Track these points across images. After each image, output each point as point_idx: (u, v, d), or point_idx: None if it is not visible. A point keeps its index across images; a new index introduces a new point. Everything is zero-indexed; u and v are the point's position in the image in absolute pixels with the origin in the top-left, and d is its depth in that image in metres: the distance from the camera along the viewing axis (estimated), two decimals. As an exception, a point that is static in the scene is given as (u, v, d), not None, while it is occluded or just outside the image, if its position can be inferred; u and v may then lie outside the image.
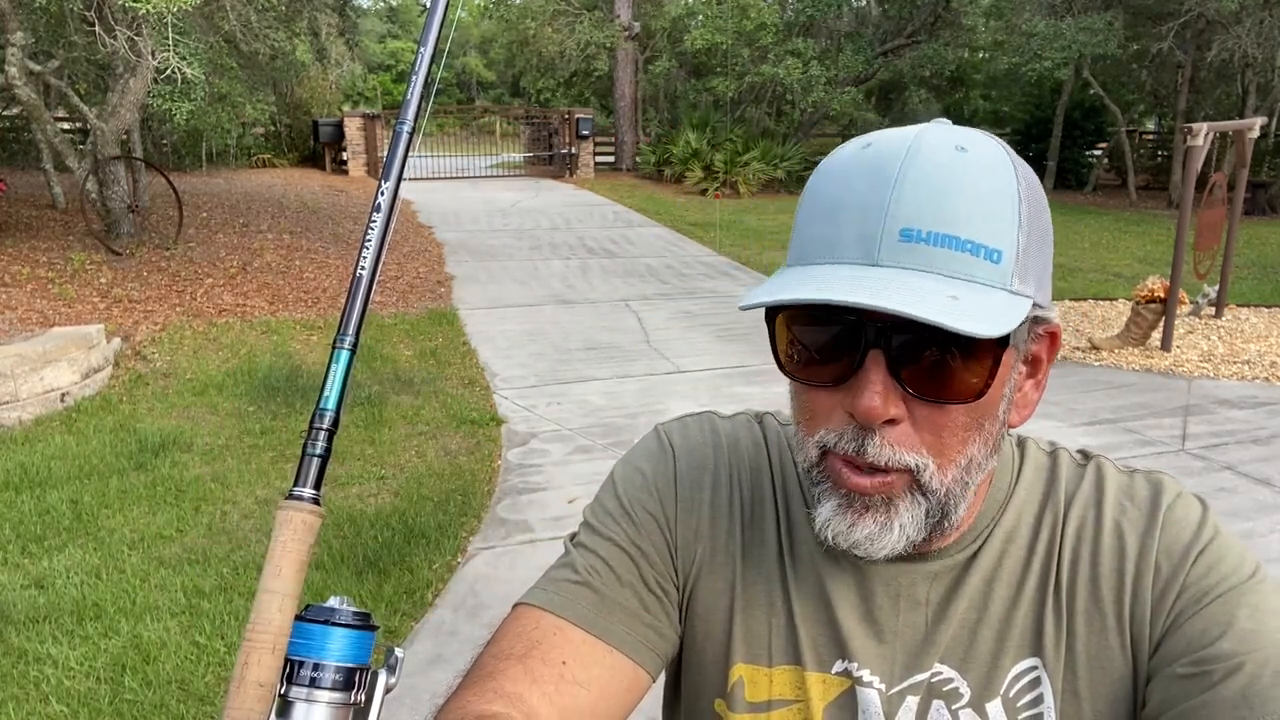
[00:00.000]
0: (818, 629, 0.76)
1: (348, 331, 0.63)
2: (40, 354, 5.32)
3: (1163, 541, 0.70)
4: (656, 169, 18.96)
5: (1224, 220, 8.00)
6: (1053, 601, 0.72)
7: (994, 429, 0.67)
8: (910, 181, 0.60)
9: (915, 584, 0.74)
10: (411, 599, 3.46)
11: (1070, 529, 0.73)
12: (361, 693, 0.58)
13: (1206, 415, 5.65)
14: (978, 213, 0.59)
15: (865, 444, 0.63)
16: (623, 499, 0.81)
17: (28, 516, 4.04)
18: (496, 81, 45.12)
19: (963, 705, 0.73)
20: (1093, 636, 0.71)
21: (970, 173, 0.60)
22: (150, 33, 7.64)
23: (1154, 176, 20.60)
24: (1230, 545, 0.70)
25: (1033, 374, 0.70)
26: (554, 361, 6.72)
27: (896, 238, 0.59)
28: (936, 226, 0.59)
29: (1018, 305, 0.60)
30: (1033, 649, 0.72)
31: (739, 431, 0.84)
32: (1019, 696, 0.72)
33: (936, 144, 0.62)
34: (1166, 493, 0.73)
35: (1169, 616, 0.68)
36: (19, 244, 8.76)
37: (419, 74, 0.66)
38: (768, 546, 0.79)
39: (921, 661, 0.73)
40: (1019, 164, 0.63)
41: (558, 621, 0.75)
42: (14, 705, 2.80)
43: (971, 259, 0.59)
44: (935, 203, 0.59)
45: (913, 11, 20.78)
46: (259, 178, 16.78)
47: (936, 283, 0.58)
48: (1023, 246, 0.61)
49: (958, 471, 0.65)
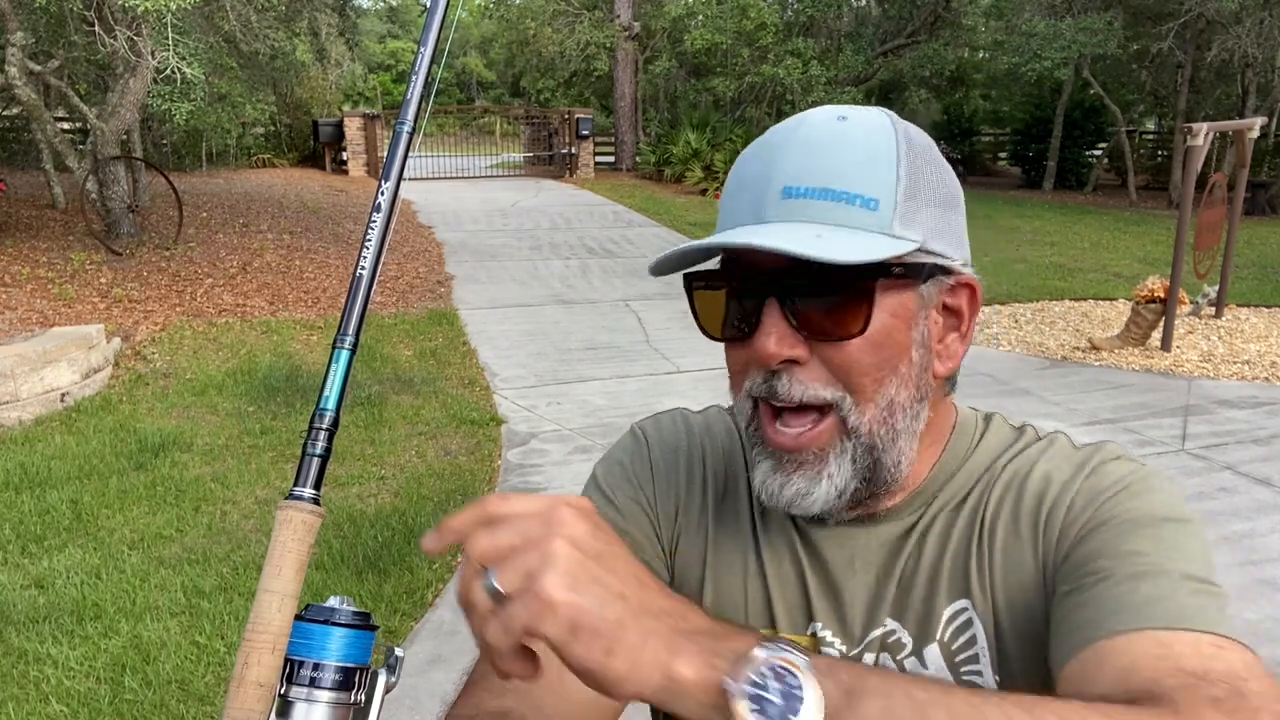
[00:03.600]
0: (790, 592, 0.79)
1: (348, 331, 0.63)
2: (40, 354, 5.32)
3: (1085, 484, 0.72)
4: (656, 169, 18.95)
5: (1224, 220, 8.00)
6: (977, 544, 0.75)
7: (911, 373, 0.70)
8: (793, 148, 0.67)
9: (869, 547, 0.77)
10: (411, 599, 3.46)
11: (1002, 480, 0.76)
12: (361, 693, 0.58)
13: (1206, 415, 5.65)
14: (854, 168, 0.66)
15: (775, 385, 0.68)
16: (605, 490, 0.85)
17: (28, 516, 4.04)
18: (496, 81, 45.11)
19: (906, 655, 0.75)
20: (1011, 574, 0.73)
21: (849, 136, 0.67)
22: (150, 32, 7.64)
23: (1154, 176, 20.60)
24: (1156, 491, 0.70)
25: (955, 326, 0.74)
26: (554, 361, 6.72)
27: (779, 196, 0.66)
28: (814, 182, 0.66)
29: (889, 244, 0.65)
30: (961, 591, 0.74)
31: (710, 420, 0.89)
32: (954, 639, 0.74)
33: (820, 117, 0.69)
34: (1106, 453, 0.75)
35: (1070, 544, 0.70)
36: (19, 244, 8.76)
37: (419, 74, 0.67)
38: (741, 518, 0.83)
39: (873, 620, 0.77)
40: (905, 128, 0.69)
41: None
42: (14, 705, 2.80)
43: (848, 207, 0.65)
44: (814, 162, 0.66)
45: (913, 11, 20.78)
46: (259, 178, 16.77)
47: (808, 228, 0.65)
48: (903, 196, 0.66)
49: (878, 411, 0.69)
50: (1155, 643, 0.59)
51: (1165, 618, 0.60)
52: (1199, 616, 0.60)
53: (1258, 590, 3.54)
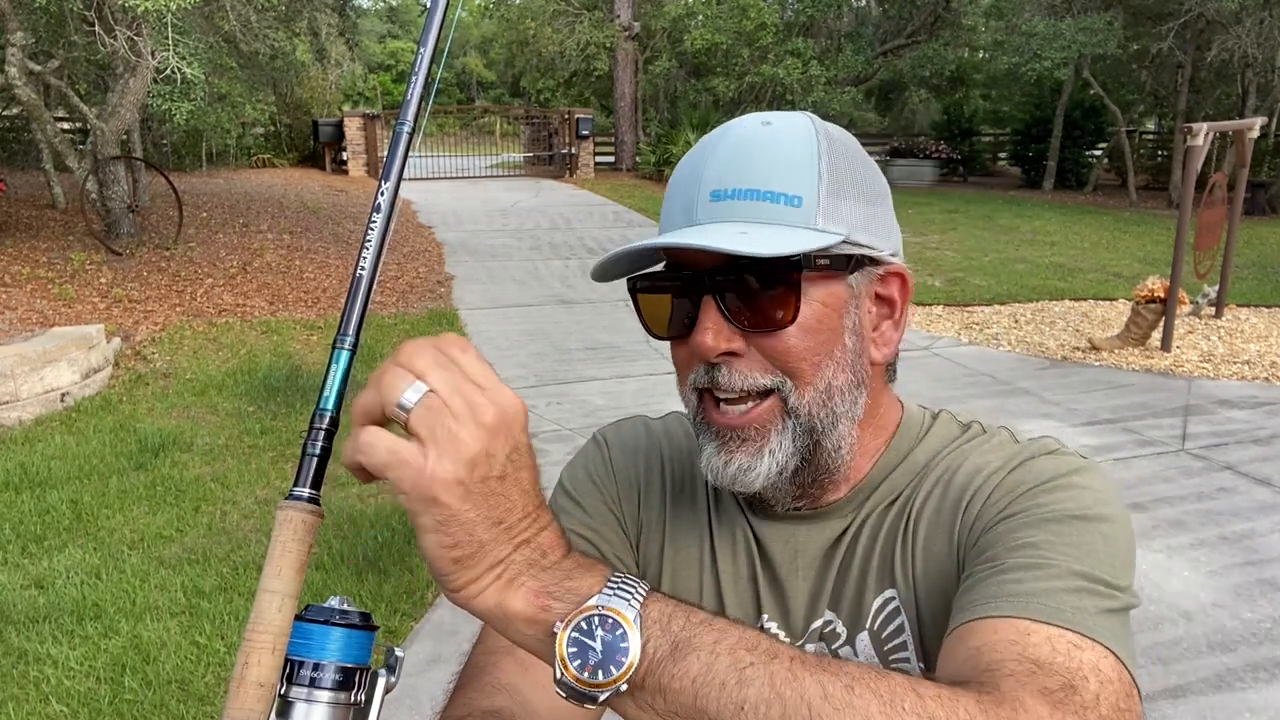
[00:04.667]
0: (742, 587, 0.83)
1: (348, 331, 0.63)
2: (40, 354, 5.32)
3: (1008, 479, 0.73)
4: (656, 169, 18.94)
5: (1224, 220, 8.00)
6: (902, 535, 0.77)
7: (846, 359, 0.73)
8: (720, 153, 0.71)
9: (811, 542, 0.80)
10: (411, 599, 3.46)
11: (933, 474, 0.78)
12: (361, 693, 0.58)
13: (1206, 415, 5.65)
14: (776, 168, 0.69)
15: (716, 376, 0.72)
16: (571, 493, 0.89)
17: (28, 516, 4.04)
18: (496, 81, 45.12)
19: (841, 644, 0.79)
20: (930, 562, 0.75)
21: (772, 139, 0.71)
22: (150, 32, 7.64)
23: (1154, 176, 20.59)
24: (1083, 489, 0.70)
25: (889, 314, 0.77)
26: (554, 362, 6.72)
27: (708, 199, 0.70)
28: (739, 184, 0.69)
29: (811, 238, 0.68)
30: (889, 581, 0.76)
31: (669, 425, 0.93)
32: (883, 627, 0.76)
33: (745, 123, 0.73)
34: (1041, 448, 0.75)
35: (976, 533, 0.71)
36: (19, 244, 8.76)
37: (419, 74, 0.66)
38: (698, 515, 0.86)
39: (814, 612, 0.80)
40: (826, 129, 0.73)
41: None
42: (14, 705, 2.80)
43: (771, 205, 0.69)
44: (739, 165, 0.70)
45: (913, 11, 20.78)
46: (259, 178, 16.77)
47: (734, 226, 0.68)
48: (824, 193, 0.69)
49: (817, 394, 0.72)
50: (1015, 630, 0.60)
51: (1035, 610, 0.61)
52: (1070, 614, 0.61)
53: (1258, 590, 3.54)
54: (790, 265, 0.68)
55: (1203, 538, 3.98)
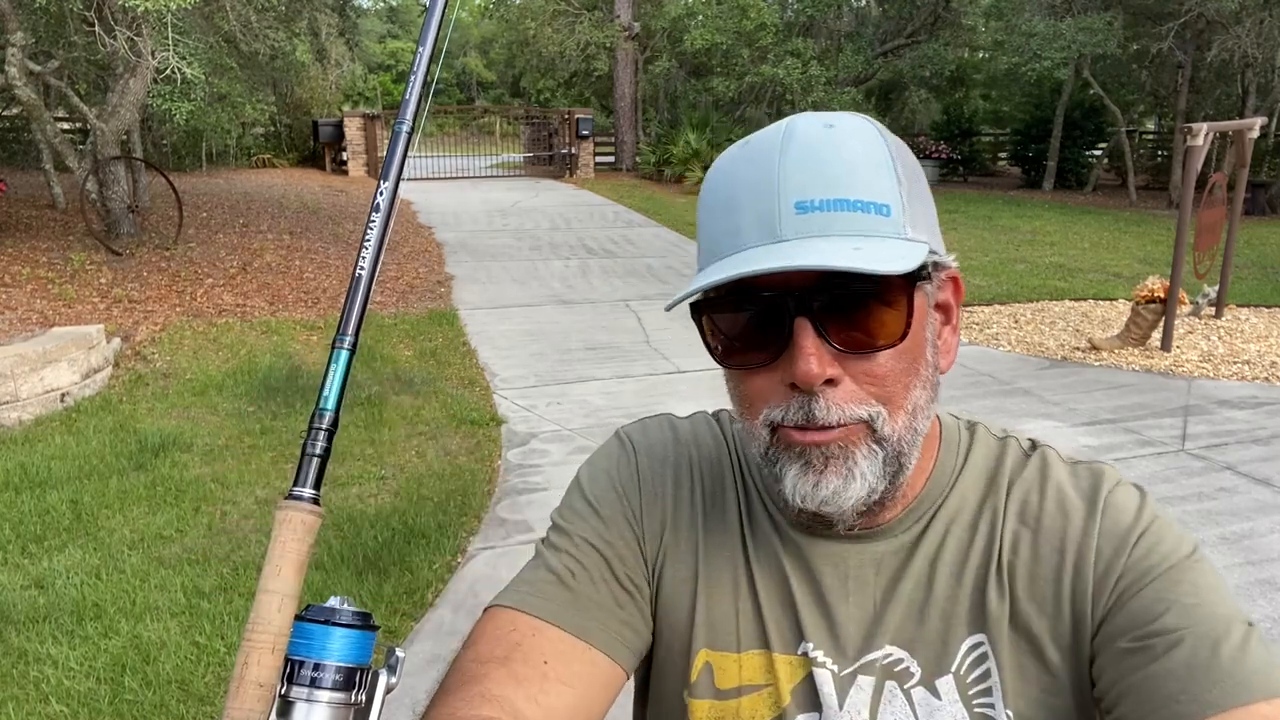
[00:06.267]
0: (780, 611, 0.78)
1: (347, 331, 0.63)
2: (40, 354, 5.32)
3: (1104, 525, 0.72)
4: (656, 169, 18.94)
5: (1224, 220, 8.00)
6: (995, 580, 0.74)
7: (927, 373, 0.70)
8: (792, 160, 0.65)
9: (863, 565, 0.76)
10: (411, 599, 3.46)
11: (1012, 510, 0.76)
12: (362, 693, 0.58)
13: (1206, 415, 5.65)
14: (859, 175, 0.64)
15: (812, 409, 0.66)
16: (589, 498, 0.82)
17: (28, 516, 4.04)
18: (496, 81, 45.10)
19: (914, 684, 0.75)
20: (1033, 614, 0.73)
21: (842, 143, 0.65)
22: (150, 32, 7.64)
23: (1154, 176, 20.59)
24: (1169, 527, 0.72)
25: (947, 320, 0.74)
26: (554, 362, 6.72)
27: (793, 212, 0.64)
28: (825, 194, 0.64)
29: (916, 249, 0.64)
30: (978, 625, 0.74)
31: (698, 428, 0.86)
32: (969, 672, 0.74)
33: (807, 126, 0.67)
34: (1106, 480, 0.75)
35: (1112, 595, 0.70)
36: (19, 244, 8.76)
37: (418, 74, 0.66)
38: (730, 534, 0.81)
39: (872, 643, 0.75)
40: (884, 131, 0.69)
41: (535, 622, 0.75)
42: (14, 705, 2.80)
43: (864, 216, 0.64)
44: (818, 173, 0.64)
45: (913, 11, 20.78)
46: (259, 178, 16.77)
47: (839, 241, 0.63)
48: (906, 199, 0.65)
49: (906, 417, 0.68)
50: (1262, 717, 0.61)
51: (1260, 686, 0.62)
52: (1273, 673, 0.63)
53: (1258, 590, 3.54)
54: (905, 280, 0.64)
55: (1203, 538, 3.98)
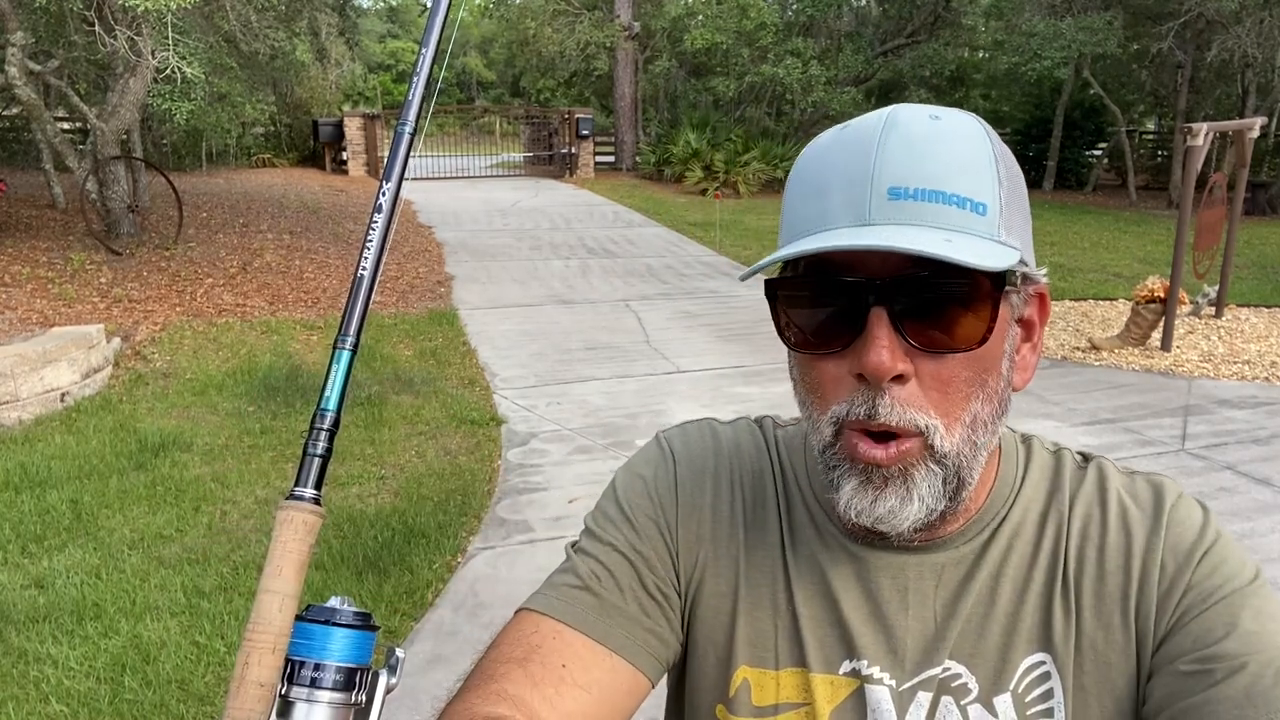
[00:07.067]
0: (824, 629, 0.76)
1: (348, 332, 0.63)
2: (40, 354, 5.32)
3: (1168, 541, 0.71)
4: (656, 169, 18.95)
5: (1224, 220, 8.00)
6: (1060, 597, 0.73)
7: (998, 386, 0.67)
8: (891, 147, 0.62)
9: (922, 577, 0.74)
10: (411, 599, 3.46)
11: (1075, 526, 0.74)
12: (362, 693, 0.58)
13: (1206, 415, 5.65)
14: (959, 170, 0.62)
15: (877, 405, 0.64)
16: (624, 505, 0.81)
17: (28, 516, 4.04)
18: (496, 81, 45.12)
19: (971, 700, 0.73)
20: (1099, 631, 0.72)
21: (947, 136, 0.63)
22: (150, 32, 7.64)
23: (1154, 176, 20.60)
24: (1232, 548, 0.71)
25: (1028, 337, 0.72)
26: (554, 362, 6.72)
27: (885, 197, 0.61)
28: (922, 184, 0.61)
29: (1008, 253, 0.62)
30: (1042, 643, 0.73)
31: (740, 436, 0.84)
32: (1029, 691, 0.72)
33: (911, 115, 0.64)
34: (1169, 494, 0.74)
35: (1174, 614, 0.69)
36: (19, 244, 8.76)
37: (420, 75, 0.66)
38: (770, 548, 0.79)
39: (933, 658, 0.74)
40: (991, 131, 0.66)
41: (557, 626, 0.75)
42: (14, 705, 2.80)
43: (959, 211, 0.61)
44: (918, 162, 0.61)
45: (913, 11, 20.78)
46: (259, 178, 16.77)
47: (930, 232, 0.60)
48: (1004, 201, 0.63)
49: (964, 430, 0.66)
50: None
51: None
52: None
53: (1258, 590, 3.54)
54: (994, 281, 0.62)
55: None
